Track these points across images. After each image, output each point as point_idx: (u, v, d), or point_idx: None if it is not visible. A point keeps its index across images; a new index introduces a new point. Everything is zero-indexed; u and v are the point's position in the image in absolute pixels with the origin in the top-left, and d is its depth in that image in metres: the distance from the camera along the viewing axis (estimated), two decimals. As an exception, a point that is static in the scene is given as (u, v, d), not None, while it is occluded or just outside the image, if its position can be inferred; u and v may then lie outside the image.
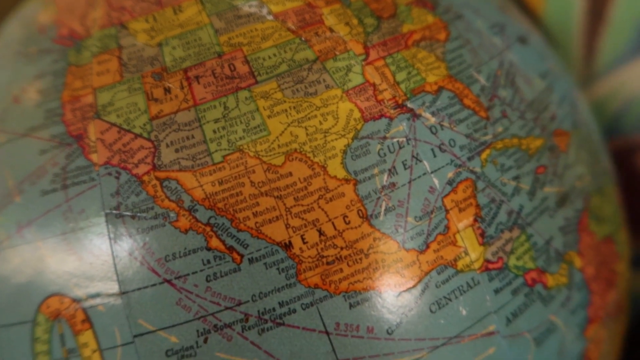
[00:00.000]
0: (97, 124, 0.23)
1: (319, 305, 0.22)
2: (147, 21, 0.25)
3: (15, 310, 0.23)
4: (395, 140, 0.23)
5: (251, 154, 0.22)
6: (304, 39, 0.24)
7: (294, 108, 0.23)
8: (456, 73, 0.25)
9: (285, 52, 0.24)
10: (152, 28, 0.25)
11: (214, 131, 0.23)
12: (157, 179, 0.22)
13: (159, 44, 0.24)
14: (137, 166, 0.23)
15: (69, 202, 0.23)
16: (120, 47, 0.25)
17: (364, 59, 0.24)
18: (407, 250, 0.22)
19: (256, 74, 0.24)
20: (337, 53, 0.24)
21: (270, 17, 0.25)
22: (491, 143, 0.25)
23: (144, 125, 0.23)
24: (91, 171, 0.23)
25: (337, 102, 0.23)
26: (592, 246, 0.27)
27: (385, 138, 0.23)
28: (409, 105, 0.24)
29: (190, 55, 0.24)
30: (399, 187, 0.23)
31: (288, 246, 0.22)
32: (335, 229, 0.22)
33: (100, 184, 0.23)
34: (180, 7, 0.25)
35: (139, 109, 0.23)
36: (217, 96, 0.23)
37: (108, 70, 0.24)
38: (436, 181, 0.23)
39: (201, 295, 0.22)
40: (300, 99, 0.23)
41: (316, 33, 0.25)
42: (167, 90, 0.23)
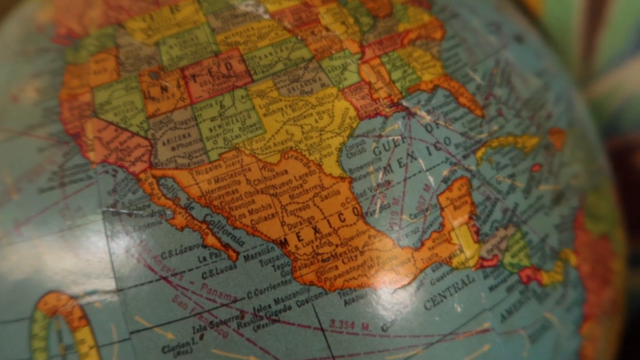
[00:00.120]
0: (95, 122, 0.24)
1: (314, 302, 0.22)
2: (144, 20, 0.25)
3: (13, 307, 0.23)
4: (390, 138, 0.23)
5: (247, 152, 0.22)
6: (300, 38, 0.24)
7: (290, 106, 0.23)
8: (452, 72, 0.25)
9: (282, 51, 0.24)
10: (149, 27, 0.25)
11: (210, 129, 0.23)
12: (154, 176, 0.22)
13: (156, 43, 0.25)
14: (134, 164, 0.23)
15: (67, 199, 0.23)
16: (117, 46, 0.25)
17: (360, 58, 0.24)
18: (402, 248, 0.23)
19: (252, 72, 0.24)
20: (333, 52, 0.24)
21: (267, 16, 0.25)
22: (486, 141, 0.25)
23: (141, 123, 0.23)
24: (88, 169, 0.23)
25: (333, 101, 0.23)
26: (587, 244, 0.27)
27: (380, 136, 0.23)
28: (405, 103, 0.24)
29: (187, 54, 0.24)
30: (394, 185, 0.23)
31: (283, 243, 0.22)
32: (331, 226, 0.22)
33: (97, 181, 0.23)
34: (177, 6, 0.25)
35: (136, 108, 0.23)
36: (214, 95, 0.23)
37: (105, 69, 0.24)
38: (431, 179, 0.23)
39: (197, 292, 0.22)
40: (296, 97, 0.23)
41: (312, 32, 0.25)
42: (164, 89, 0.24)
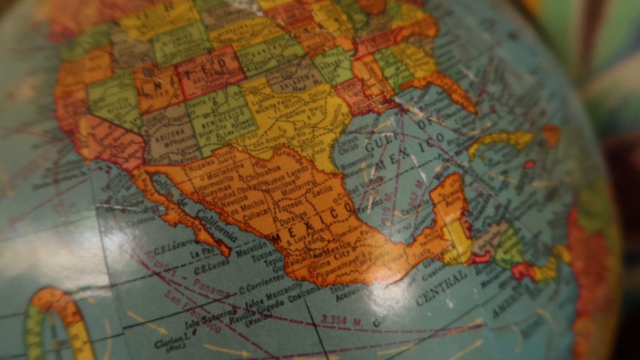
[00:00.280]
0: (89, 119, 0.24)
1: (306, 298, 0.22)
2: (138, 18, 0.25)
3: (8, 303, 0.23)
4: (383, 134, 0.23)
5: (240, 148, 0.23)
6: (293, 35, 0.25)
7: (283, 103, 0.23)
8: (445, 68, 0.26)
9: (275, 48, 0.24)
10: (144, 24, 0.25)
11: (203, 126, 0.23)
12: (147, 173, 0.23)
13: (150, 40, 0.25)
14: (127, 160, 0.23)
15: (60, 196, 0.23)
16: (111, 44, 0.25)
17: (353, 55, 0.25)
18: (394, 244, 0.23)
19: (245, 69, 0.24)
20: (326, 49, 0.24)
21: (260, 14, 0.25)
22: (479, 138, 0.25)
23: (135, 120, 0.23)
24: (82, 165, 0.23)
25: (326, 97, 0.24)
26: (581, 240, 0.27)
27: (373, 133, 0.23)
28: (397, 100, 0.24)
29: (180, 51, 0.24)
30: (386, 181, 0.23)
31: (276, 239, 0.22)
32: (323, 222, 0.22)
33: (91, 178, 0.23)
34: (171, 3, 0.25)
35: (129, 104, 0.24)
36: (207, 91, 0.23)
37: (100, 66, 0.24)
38: (423, 175, 0.24)
39: (190, 287, 0.22)
40: (288, 94, 0.23)
41: (305, 29, 0.25)
42: (158, 86, 0.24)
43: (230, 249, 0.22)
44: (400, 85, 0.24)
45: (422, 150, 0.24)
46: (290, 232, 0.22)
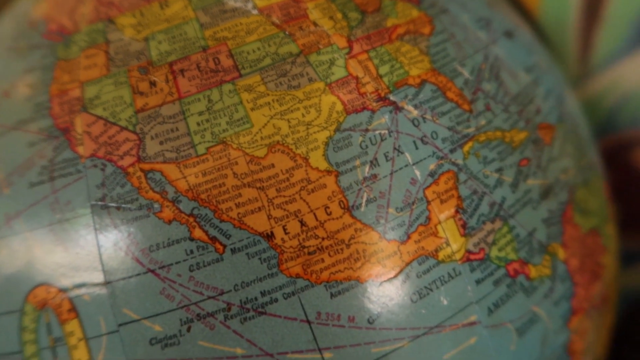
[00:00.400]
0: (84, 117, 0.24)
1: (301, 295, 0.22)
2: (134, 16, 0.25)
3: (4, 300, 0.23)
4: (377, 132, 0.24)
5: (234, 146, 0.23)
6: (288, 33, 0.25)
7: (277, 101, 0.23)
8: (440, 66, 0.26)
9: (270, 46, 0.24)
10: (139, 23, 0.25)
11: (198, 124, 0.23)
12: (142, 170, 0.23)
13: (146, 39, 0.25)
14: (122, 158, 0.23)
15: (56, 193, 0.23)
16: (107, 42, 0.25)
17: (348, 53, 0.25)
18: (388, 241, 0.23)
19: (240, 67, 0.24)
20: (321, 47, 0.25)
21: (255, 12, 0.25)
22: (474, 136, 0.25)
23: (130, 118, 0.23)
24: (77, 163, 0.23)
25: (320, 95, 0.24)
26: (576, 238, 0.27)
27: (367, 130, 0.23)
28: (392, 98, 0.24)
29: (175, 49, 0.24)
30: (380, 179, 0.23)
31: (270, 236, 0.22)
32: (317, 219, 0.22)
33: (86, 175, 0.23)
34: (166, 2, 0.26)
35: (124, 102, 0.24)
36: (202, 89, 0.23)
37: (95, 65, 0.25)
38: (418, 173, 0.24)
39: (184, 284, 0.22)
40: (283, 92, 0.23)
41: (300, 27, 0.25)
42: (153, 84, 0.24)
43: (225, 246, 0.22)
44: (395, 83, 0.25)
45: (417, 148, 0.24)
46: (285, 230, 0.22)
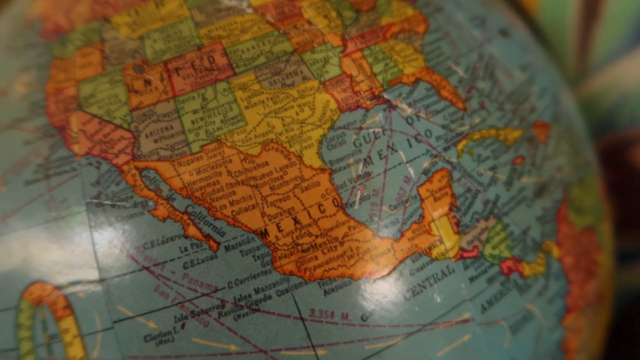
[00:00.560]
0: (79, 115, 0.24)
1: (294, 292, 0.22)
2: (129, 15, 0.26)
3: (0, 297, 0.23)
4: (371, 130, 0.24)
5: (228, 144, 0.23)
6: (282, 31, 0.25)
7: (271, 99, 0.23)
8: (434, 65, 0.26)
9: (264, 44, 0.24)
10: (134, 22, 0.25)
11: (193, 122, 0.23)
12: (137, 168, 0.23)
13: (141, 37, 0.25)
14: (117, 156, 0.23)
15: (52, 191, 0.23)
16: (103, 41, 0.25)
17: (342, 51, 0.25)
18: (382, 239, 0.23)
19: (234, 66, 0.24)
20: (315, 45, 0.25)
21: (250, 10, 0.25)
22: (468, 134, 0.25)
23: (125, 116, 0.24)
24: (73, 161, 0.23)
25: (314, 94, 0.24)
26: (571, 236, 0.27)
27: (361, 128, 0.24)
28: (386, 96, 0.24)
29: (170, 47, 0.24)
30: (374, 177, 0.23)
31: (264, 234, 0.22)
32: (311, 217, 0.22)
33: (81, 173, 0.23)
34: (162, 0, 0.26)
35: (119, 101, 0.24)
36: (196, 88, 0.24)
37: (91, 63, 0.25)
38: (411, 171, 0.24)
39: (179, 282, 0.22)
40: (277, 90, 0.24)
41: (295, 26, 0.25)
42: (148, 82, 0.24)
43: (219, 243, 0.22)
44: (389, 82, 0.25)
45: (410, 146, 0.24)
46: (278, 227, 0.22)
